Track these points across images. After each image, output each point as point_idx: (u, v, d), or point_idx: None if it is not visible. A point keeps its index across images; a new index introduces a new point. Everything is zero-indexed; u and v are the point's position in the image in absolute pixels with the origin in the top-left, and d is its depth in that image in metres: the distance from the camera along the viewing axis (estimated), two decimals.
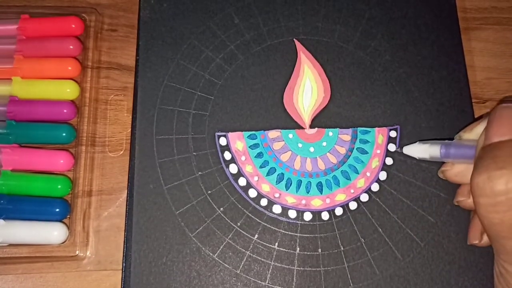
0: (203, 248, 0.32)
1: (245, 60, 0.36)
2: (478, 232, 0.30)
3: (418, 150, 0.32)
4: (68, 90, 0.35)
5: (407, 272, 0.32)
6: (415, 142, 0.32)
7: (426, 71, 0.36)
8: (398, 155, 0.34)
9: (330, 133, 0.35)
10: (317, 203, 0.33)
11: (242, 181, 0.33)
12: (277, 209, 0.33)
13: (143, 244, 0.31)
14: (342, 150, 0.34)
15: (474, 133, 0.30)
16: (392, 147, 0.34)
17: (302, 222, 0.33)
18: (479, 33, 0.40)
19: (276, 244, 0.32)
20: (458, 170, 0.31)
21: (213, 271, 0.31)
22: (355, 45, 0.37)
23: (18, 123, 0.34)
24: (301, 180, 0.33)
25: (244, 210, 0.33)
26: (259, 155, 0.34)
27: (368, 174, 0.34)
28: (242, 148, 0.34)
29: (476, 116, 0.36)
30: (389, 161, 0.34)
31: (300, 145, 0.34)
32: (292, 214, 0.33)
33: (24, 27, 0.36)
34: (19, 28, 0.36)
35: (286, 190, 0.33)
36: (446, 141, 0.31)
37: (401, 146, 0.33)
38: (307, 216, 0.33)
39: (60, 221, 0.33)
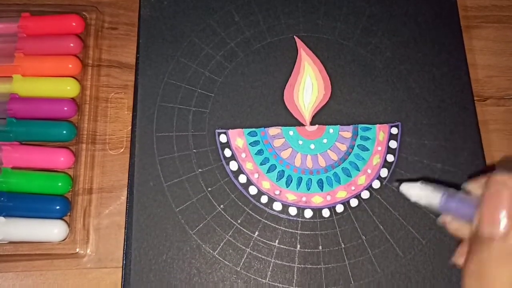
0: (203, 246, 0.32)
1: (245, 58, 0.36)
2: None
3: (418, 195, 0.26)
4: (68, 88, 0.35)
5: (408, 269, 0.32)
6: (417, 181, 0.26)
7: (427, 68, 0.36)
8: (399, 152, 0.34)
9: (331, 130, 0.35)
10: (317, 200, 0.33)
11: (242, 178, 0.33)
12: (277, 206, 0.33)
13: (143, 241, 0.31)
14: (343, 147, 0.34)
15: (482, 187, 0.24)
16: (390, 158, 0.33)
17: (302, 219, 0.32)
18: (480, 31, 0.40)
19: (277, 241, 0.32)
20: (459, 225, 0.26)
21: (213, 269, 0.31)
22: (355, 42, 0.37)
23: (19, 120, 0.34)
24: (301, 177, 0.33)
25: (245, 207, 0.32)
26: (260, 152, 0.34)
27: (369, 171, 0.34)
28: (243, 145, 0.34)
29: (477, 115, 0.35)
30: (390, 158, 0.34)
31: (300, 142, 0.34)
32: (293, 211, 0.33)
33: (24, 25, 0.36)
34: (19, 26, 0.36)
35: (287, 187, 0.33)
36: (450, 190, 0.25)
37: (399, 183, 0.27)
38: (308, 213, 0.33)
39: (61, 218, 0.33)
